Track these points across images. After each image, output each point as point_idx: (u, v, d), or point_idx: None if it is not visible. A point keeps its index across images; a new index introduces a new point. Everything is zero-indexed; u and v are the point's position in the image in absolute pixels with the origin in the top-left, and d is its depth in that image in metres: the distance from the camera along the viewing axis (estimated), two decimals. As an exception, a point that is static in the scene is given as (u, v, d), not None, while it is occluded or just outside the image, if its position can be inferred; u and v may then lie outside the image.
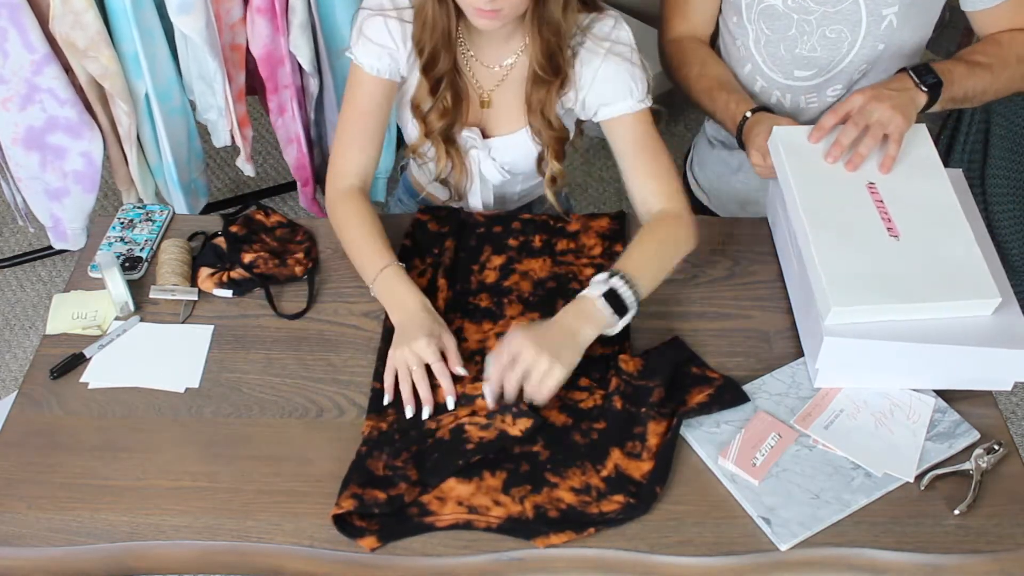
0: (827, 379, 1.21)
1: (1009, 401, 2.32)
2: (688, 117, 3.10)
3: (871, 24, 1.41)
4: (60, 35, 1.79)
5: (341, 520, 1.07)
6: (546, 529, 1.07)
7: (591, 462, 1.13)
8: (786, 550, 1.06)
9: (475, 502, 1.09)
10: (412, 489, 1.09)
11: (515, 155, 1.45)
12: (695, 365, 1.24)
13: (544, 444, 1.15)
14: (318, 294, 1.36)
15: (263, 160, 2.91)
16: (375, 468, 1.11)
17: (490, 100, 1.42)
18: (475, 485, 1.10)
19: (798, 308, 1.31)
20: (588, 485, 1.10)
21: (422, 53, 1.33)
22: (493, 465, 1.12)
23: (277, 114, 2.14)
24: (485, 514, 1.08)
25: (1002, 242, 1.97)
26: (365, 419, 1.18)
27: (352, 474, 1.11)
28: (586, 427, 1.17)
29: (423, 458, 1.12)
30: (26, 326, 2.48)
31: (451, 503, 1.09)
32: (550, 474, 1.12)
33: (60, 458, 1.15)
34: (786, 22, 1.44)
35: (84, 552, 1.08)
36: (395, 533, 1.07)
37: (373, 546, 1.06)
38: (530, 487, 1.10)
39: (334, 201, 1.38)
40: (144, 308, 1.34)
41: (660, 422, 1.15)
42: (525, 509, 1.08)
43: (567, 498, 1.09)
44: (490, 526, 1.07)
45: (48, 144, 1.95)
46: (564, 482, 1.11)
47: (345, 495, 1.08)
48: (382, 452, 1.13)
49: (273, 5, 1.93)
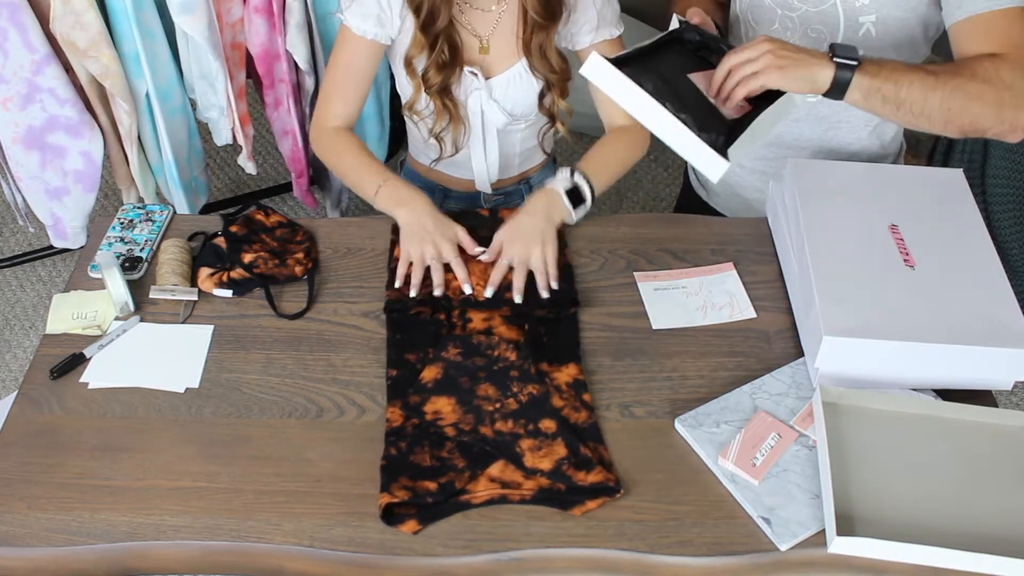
0: (827, 379, 1.21)
1: (1009, 401, 2.32)
2: (688, 117, 3.10)
3: (848, 29, 1.40)
4: (61, 35, 1.79)
5: (385, 510, 1.09)
6: (581, 498, 1.10)
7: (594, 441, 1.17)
8: (786, 550, 1.06)
9: (507, 478, 1.12)
10: (462, 476, 1.12)
11: (516, 93, 1.49)
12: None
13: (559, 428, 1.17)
14: (318, 294, 1.36)
15: (263, 159, 2.91)
16: (422, 461, 1.13)
17: (488, 46, 1.45)
18: (503, 463, 1.13)
19: (798, 308, 1.31)
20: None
21: (419, 12, 1.36)
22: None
23: (273, 107, 2.15)
24: (518, 488, 1.11)
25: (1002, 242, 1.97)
26: (388, 406, 1.20)
27: (397, 468, 1.12)
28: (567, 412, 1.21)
29: (468, 448, 1.15)
30: (26, 326, 2.48)
31: (483, 481, 1.12)
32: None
33: (60, 458, 1.15)
34: (770, 16, 1.45)
35: (84, 552, 1.08)
36: (434, 515, 1.09)
37: (415, 529, 1.08)
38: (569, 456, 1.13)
39: (319, 136, 1.48)
40: (144, 308, 1.34)
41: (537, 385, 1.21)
42: (555, 483, 1.11)
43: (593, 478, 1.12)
44: (524, 499, 1.10)
45: (48, 143, 1.95)
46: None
47: (396, 487, 1.09)
48: (423, 446, 1.15)
49: (271, 5, 1.94)
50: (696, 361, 1.27)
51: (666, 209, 2.80)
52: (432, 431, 1.16)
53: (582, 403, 1.21)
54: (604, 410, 1.21)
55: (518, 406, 1.19)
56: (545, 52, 1.43)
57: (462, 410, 1.19)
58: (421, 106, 1.47)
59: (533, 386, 1.21)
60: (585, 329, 1.31)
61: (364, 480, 1.13)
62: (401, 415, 1.18)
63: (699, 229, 1.48)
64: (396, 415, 1.18)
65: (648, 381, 1.25)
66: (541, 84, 1.48)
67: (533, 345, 1.27)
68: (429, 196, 1.41)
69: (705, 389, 1.23)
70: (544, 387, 1.21)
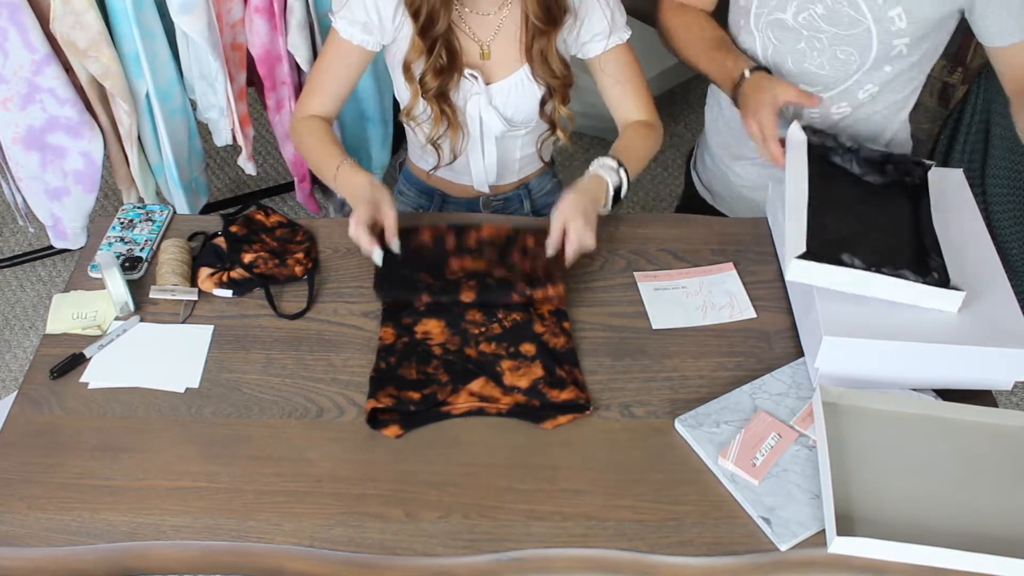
0: (827, 379, 1.21)
1: (1009, 401, 2.32)
2: (688, 117, 3.10)
3: (881, 50, 1.39)
4: (61, 35, 1.79)
5: (370, 414, 1.18)
6: (553, 413, 1.19)
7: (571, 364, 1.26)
8: (786, 550, 1.06)
9: (486, 393, 1.21)
10: (444, 389, 1.21)
11: (517, 100, 1.48)
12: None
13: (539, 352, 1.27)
14: (318, 294, 1.36)
15: (263, 160, 2.91)
16: (408, 374, 1.23)
17: (489, 52, 1.45)
18: (484, 380, 1.22)
19: (798, 308, 1.31)
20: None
21: (417, 16, 1.35)
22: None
23: (275, 111, 2.14)
24: (496, 403, 1.20)
25: (1002, 242, 1.97)
26: (381, 327, 1.29)
27: (385, 379, 1.22)
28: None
29: (452, 366, 1.24)
30: (26, 326, 2.48)
31: (464, 395, 1.21)
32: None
33: (60, 458, 1.15)
34: (795, 36, 1.44)
35: (84, 552, 1.08)
36: (415, 422, 1.19)
37: (397, 434, 1.17)
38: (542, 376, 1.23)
39: (293, 125, 1.49)
40: (144, 308, 1.34)
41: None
42: (531, 399, 1.20)
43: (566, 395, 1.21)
44: (500, 412, 1.20)
45: (48, 144, 1.95)
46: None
47: (382, 395, 1.19)
48: (411, 361, 1.25)
49: (272, 5, 1.93)
50: (696, 361, 1.27)
51: (666, 209, 2.80)
52: (420, 349, 1.26)
53: (562, 330, 1.29)
54: (604, 410, 1.21)
55: (502, 331, 1.29)
56: (546, 57, 1.42)
57: (450, 332, 1.28)
58: (418, 111, 1.47)
59: (518, 313, 1.30)
60: (585, 329, 1.31)
61: (364, 480, 1.13)
62: (393, 333, 1.28)
63: (699, 229, 1.48)
64: (388, 334, 1.28)
65: (648, 381, 1.25)
66: (543, 91, 1.48)
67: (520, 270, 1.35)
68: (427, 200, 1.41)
69: (705, 389, 1.23)
70: (528, 315, 1.30)
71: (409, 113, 1.48)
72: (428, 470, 1.14)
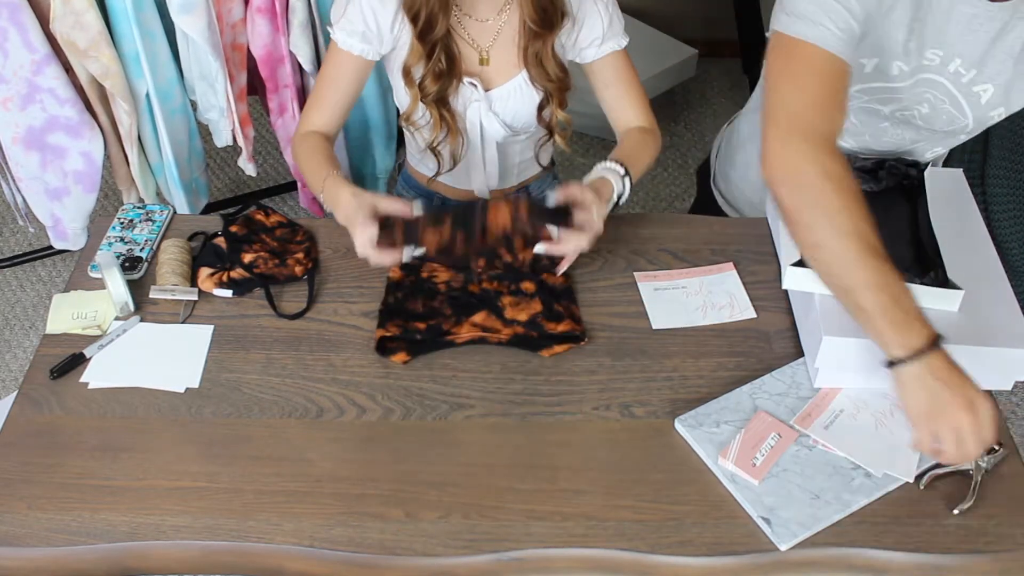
0: (827, 379, 1.21)
1: (1009, 401, 2.32)
2: (687, 117, 3.10)
3: (973, 108, 1.29)
4: (61, 35, 1.79)
5: (379, 342, 1.27)
6: (550, 343, 1.27)
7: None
8: (786, 550, 1.06)
9: (488, 324, 1.29)
10: (448, 320, 1.30)
11: (516, 105, 1.48)
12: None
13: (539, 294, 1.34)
14: (318, 294, 1.36)
15: (263, 160, 2.92)
16: (415, 307, 1.31)
17: (488, 58, 1.45)
18: (486, 313, 1.30)
19: (798, 308, 1.31)
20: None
21: (416, 20, 1.35)
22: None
23: (278, 114, 2.14)
24: (497, 333, 1.28)
25: (1002, 242, 1.97)
26: (391, 270, 1.36)
27: (393, 311, 1.31)
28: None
29: (456, 300, 1.32)
30: (26, 326, 2.49)
31: (467, 326, 1.29)
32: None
33: (60, 458, 1.15)
34: (881, 119, 1.36)
35: (84, 552, 1.08)
36: (421, 349, 1.27)
37: (404, 359, 1.26)
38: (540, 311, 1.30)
39: (293, 142, 1.48)
40: (144, 308, 1.34)
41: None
42: (529, 331, 1.28)
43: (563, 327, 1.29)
44: (500, 341, 1.28)
45: (48, 144, 1.95)
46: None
47: (390, 325, 1.28)
48: (417, 296, 1.33)
49: (273, 5, 1.93)
50: (696, 361, 1.27)
51: (666, 209, 2.80)
52: (427, 286, 1.34)
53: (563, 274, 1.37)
54: (604, 410, 1.21)
55: (504, 271, 1.36)
56: (542, 60, 1.42)
57: (454, 271, 1.36)
58: (418, 116, 1.47)
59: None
60: (585, 329, 1.31)
61: (364, 480, 1.13)
62: (401, 273, 1.36)
63: (699, 229, 1.48)
64: (397, 273, 1.36)
65: (648, 381, 1.25)
66: (541, 96, 1.48)
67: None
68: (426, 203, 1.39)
69: (705, 389, 1.23)
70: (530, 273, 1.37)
71: (409, 118, 1.48)
72: (428, 470, 1.14)
